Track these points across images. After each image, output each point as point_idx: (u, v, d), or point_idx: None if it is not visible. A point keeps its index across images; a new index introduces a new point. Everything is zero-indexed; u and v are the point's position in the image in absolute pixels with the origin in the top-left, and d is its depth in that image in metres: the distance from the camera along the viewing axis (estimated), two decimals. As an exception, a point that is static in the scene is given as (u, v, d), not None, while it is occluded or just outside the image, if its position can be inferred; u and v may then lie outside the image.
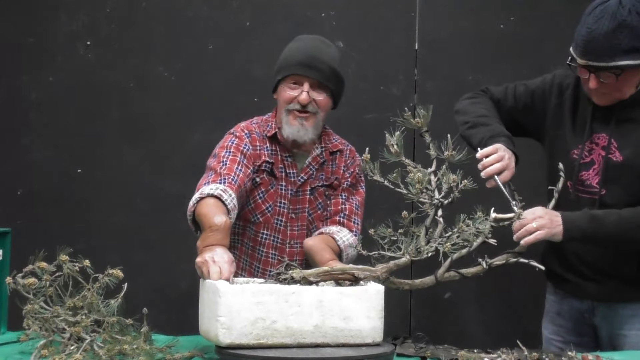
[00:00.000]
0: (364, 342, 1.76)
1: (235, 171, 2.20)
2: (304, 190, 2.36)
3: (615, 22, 2.05)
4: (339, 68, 2.33)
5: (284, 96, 2.30)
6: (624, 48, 2.06)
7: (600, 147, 2.22)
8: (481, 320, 3.25)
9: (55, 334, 1.68)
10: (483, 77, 3.29)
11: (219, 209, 2.01)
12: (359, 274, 1.82)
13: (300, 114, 2.28)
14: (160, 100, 3.34)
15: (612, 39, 2.06)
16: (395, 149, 1.92)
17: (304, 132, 2.30)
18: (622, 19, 2.05)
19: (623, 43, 2.06)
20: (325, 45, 2.35)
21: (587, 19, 2.10)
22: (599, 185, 2.20)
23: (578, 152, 2.24)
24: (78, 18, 3.36)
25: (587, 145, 2.24)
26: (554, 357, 1.82)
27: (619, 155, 2.19)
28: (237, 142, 2.30)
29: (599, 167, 2.21)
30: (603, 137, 2.22)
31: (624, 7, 2.06)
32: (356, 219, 2.40)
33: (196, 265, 1.86)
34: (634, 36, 2.06)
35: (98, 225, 3.31)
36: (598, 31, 2.06)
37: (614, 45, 2.06)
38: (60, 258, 1.70)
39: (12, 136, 3.36)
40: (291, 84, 2.29)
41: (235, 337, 1.66)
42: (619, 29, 2.05)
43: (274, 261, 2.34)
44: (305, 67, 2.27)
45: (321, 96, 2.30)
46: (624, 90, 2.16)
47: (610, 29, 2.05)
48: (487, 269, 1.90)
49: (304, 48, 2.31)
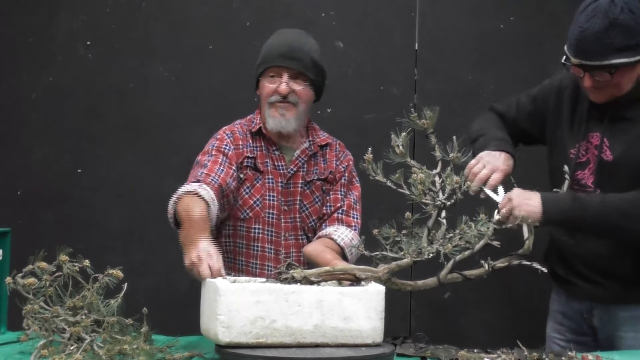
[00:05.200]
0: (364, 343, 1.76)
1: (217, 171, 2.23)
2: (295, 182, 2.37)
3: (607, 21, 2.04)
4: (319, 58, 2.35)
5: (265, 90, 2.32)
6: (617, 46, 2.05)
7: (594, 147, 2.22)
8: (481, 320, 3.25)
9: (55, 334, 1.68)
10: (483, 77, 3.29)
11: (195, 202, 2.04)
12: (360, 274, 1.82)
13: (281, 104, 2.30)
14: (160, 100, 3.34)
15: (604, 38, 2.04)
16: (401, 149, 1.92)
17: (286, 123, 2.31)
18: (613, 17, 2.04)
19: (616, 41, 2.04)
20: (305, 36, 2.37)
21: (579, 18, 2.09)
22: (593, 185, 2.20)
23: (575, 152, 2.24)
24: (78, 18, 3.36)
25: (583, 144, 2.24)
26: (554, 357, 1.82)
27: (610, 154, 2.19)
28: (217, 144, 2.32)
29: (594, 167, 2.21)
30: (597, 136, 2.22)
31: (616, 5, 2.05)
32: (355, 214, 2.41)
33: (187, 268, 1.86)
34: (627, 34, 2.05)
35: (98, 225, 3.31)
36: (590, 30, 2.05)
37: (607, 44, 2.05)
38: (60, 258, 1.69)
39: (12, 136, 3.36)
40: (270, 76, 2.31)
41: (235, 335, 1.66)
42: (611, 28, 2.04)
43: (270, 256, 2.34)
44: (283, 57, 2.29)
45: (301, 86, 2.31)
46: (620, 87, 2.15)
47: (602, 27, 2.04)
48: (489, 271, 1.89)
49: (282, 40, 2.34)
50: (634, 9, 2.07)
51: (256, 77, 2.37)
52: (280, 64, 2.29)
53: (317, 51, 2.36)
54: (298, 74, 2.30)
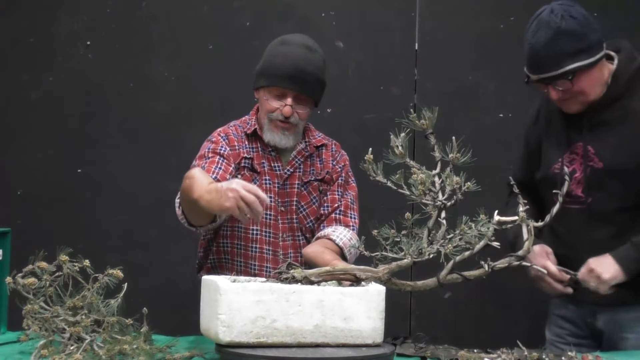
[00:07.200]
0: (364, 343, 1.75)
1: (214, 170, 2.23)
2: (291, 183, 2.37)
3: (551, 31, 2.10)
4: (323, 75, 2.33)
5: (267, 105, 2.30)
6: (568, 52, 2.10)
7: (580, 156, 2.23)
8: (481, 320, 3.25)
9: (55, 334, 1.68)
10: (483, 77, 3.30)
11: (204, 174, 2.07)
12: (361, 274, 1.82)
13: (283, 124, 2.29)
14: (160, 100, 3.34)
15: (553, 47, 2.10)
16: (400, 150, 1.92)
17: (286, 140, 2.32)
18: (556, 25, 2.10)
19: (566, 48, 2.10)
20: (311, 52, 2.31)
21: (527, 35, 2.16)
22: (584, 194, 2.21)
23: (559, 166, 2.25)
24: (78, 18, 3.36)
25: (567, 156, 2.25)
26: (554, 357, 1.82)
27: (598, 161, 2.20)
28: (213, 147, 2.31)
29: (581, 176, 2.22)
30: (579, 145, 2.23)
31: (556, 14, 2.11)
32: (352, 214, 2.41)
33: (226, 208, 1.92)
34: (575, 39, 2.10)
35: (98, 225, 3.31)
36: (538, 44, 2.12)
37: (557, 52, 2.10)
38: (60, 258, 1.69)
39: (12, 136, 3.36)
40: (275, 94, 2.29)
41: (235, 335, 1.65)
42: (557, 36, 2.09)
43: (269, 257, 2.33)
44: (291, 80, 2.25)
45: (304, 110, 2.31)
46: (586, 92, 2.17)
47: (548, 38, 2.10)
48: (489, 272, 1.89)
49: (290, 58, 2.27)
50: (575, 14, 2.12)
51: (257, 85, 2.35)
52: (286, 87, 2.26)
53: (322, 66, 2.32)
54: (303, 95, 2.29)
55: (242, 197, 1.92)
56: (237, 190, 1.92)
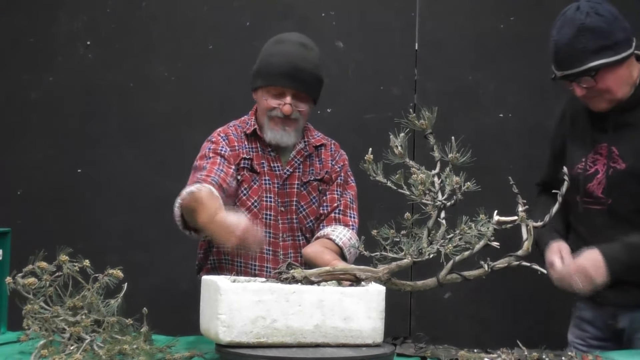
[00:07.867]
0: (364, 343, 1.75)
1: (216, 171, 2.22)
2: (291, 183, 2.37)
3: (575, 28, 2.09)
4: (320, 71, 2.33)
5: (266, 104, 2.30)
6: (592, 49, 2.09)
7: (604, 157, 2.22)
8: (481, 320, 3.25)
9: (55, 334, 1.67)
10: (483, 77, 3.30)
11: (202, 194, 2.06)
12: (361, 274, 1.82)
13: (283, 121, 2.29)
14: (160, 100, 3.34)
15: (576, 44, 2.09)
16: (400, 150, 1.92)
17: (287, 137, 2.32)
18: (580, 22, 2.09)
19: (589, 45, 2.08)
20: (307, 50, 2.30)
21: (552, 32, 2.16)
22: (604, 195, 2.20)
23: (582, 166, 2.24)
24: (78, 18, 3.36)
25: (590, 156, 2.24)
26: (553, 357, 1.82)
27: (622, 163, 2.19)
28: (214, 147, 2.31)
29: (602, 177, 2.21)
30: (604, 146, 2.22)
31: (582, 12, 2.10)
32: (352, 213, 2.41)
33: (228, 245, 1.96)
34: (599, 36, 2.08)
35: (98, 225, 3.31)
36: (562, 40, 2.11)
37: (581, 49, 2.09)
38: (60, 258, 1.69)
39: (12, 136, 3.36)
40: (273, 94, 2.29)
41: (236, 335, 1.65)
42: (580, 33, 2.09)
43: (269, 257, 2.33)
44: (289, 78, 2.25)
45: (304, 107, 2.31)
46: (613, 90, 2.15)
47: (572, 35, 2.09)
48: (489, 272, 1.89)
49: (286, 56, 2.26)
50: (601, 11, 2.11)
51: (254, 86, 2.34)
52: (284, 85, 2.26)
53: (318, 64, 2.32)
54: (301, 92, 2.29)
55: (244, 240, 1.92)
56: (241, 236, 1.92)
